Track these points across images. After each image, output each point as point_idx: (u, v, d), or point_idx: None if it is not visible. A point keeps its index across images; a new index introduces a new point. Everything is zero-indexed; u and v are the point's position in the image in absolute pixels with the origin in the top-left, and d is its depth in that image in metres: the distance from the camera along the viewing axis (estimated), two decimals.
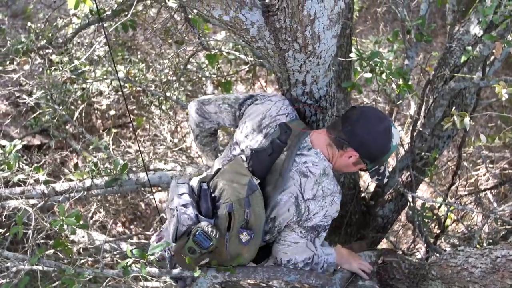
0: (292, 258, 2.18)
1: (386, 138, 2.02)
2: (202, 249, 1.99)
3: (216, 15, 1.84)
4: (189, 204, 2.07)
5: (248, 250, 2.08)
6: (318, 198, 2.04)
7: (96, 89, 4.95)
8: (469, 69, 2.83)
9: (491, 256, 1.86)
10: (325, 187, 2.05)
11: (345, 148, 2.04)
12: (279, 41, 1.94)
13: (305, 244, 2.13)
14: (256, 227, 2.02)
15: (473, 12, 2.81)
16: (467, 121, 2.20)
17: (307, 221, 2.07)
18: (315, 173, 2.05)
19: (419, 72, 5.16)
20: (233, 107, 2.29)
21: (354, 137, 2.01)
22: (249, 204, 1.98)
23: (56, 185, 2.75)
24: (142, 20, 3.34)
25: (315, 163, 2.06)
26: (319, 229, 2.11)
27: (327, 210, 2.07)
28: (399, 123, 5.42)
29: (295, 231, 2.10)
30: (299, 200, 2.04)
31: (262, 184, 2.07)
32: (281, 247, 2.16)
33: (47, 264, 2.15)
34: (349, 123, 2.02)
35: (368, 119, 2.01)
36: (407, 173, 3.31)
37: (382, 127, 2.01)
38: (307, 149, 2.09)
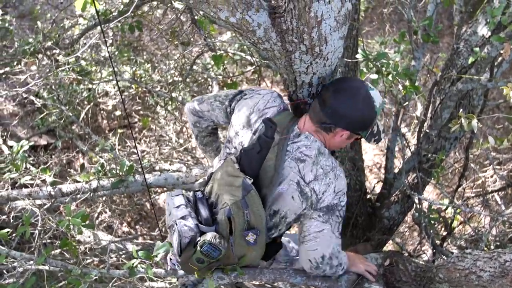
0: (325, 253, 2.11)
1: (369, 105, 2.00)
2: (211, 259, 2.01)
3: (223, 17, 1.83)
4: (187, 215, 2.08)
5: (255, 249, 2.08)
6: (320, 177, 2.02)
7: (102, 90, 4.97)
8: (476, 70, 2.81)
9: (499, 260, 1.84)
10: (324, 164, 2.04)
11: (334, 130, 2.03)
12: (285, 43, 1.94)
13: (331, 231, 2.07)
14: (258, 225, 2.01)
15: (480, 13, 2.80)
16: (475, 124, 2.19)
17: (320, 202, 2.03)
18: (311, 155, 2.04)
19: (426, 73, 5.15)
20: (223, 103, 2.29)
21: (337, 118, 1.99)
22: (246, 205, 1.98)
23: (62, 186, 2.75)
24: (148, 21, 3.34)
25: (308, 146, 2.05)
26: (336, 208, 2.06)
27: (335, 186, 2.04)
28: (405, 123, 5.41)
29: (314, 217, 2.06)
30: (301, 185, 2.02)
31: (256, 182, 2.05)
32: (309, 245, 2.10)
33: (53, 264, 2.16)
34: (327, 105, 1.99)
35: (343, 94, 1.99)
36: (413, 175, 3.30)
37: (361, 96, 1.99)
38: (297, 136, 2.08)
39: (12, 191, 2.71)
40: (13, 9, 5.43)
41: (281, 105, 2.21)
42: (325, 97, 2.02)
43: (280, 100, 2.22)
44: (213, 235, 2.00)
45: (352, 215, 3.32)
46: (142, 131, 5.43)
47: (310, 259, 2.12)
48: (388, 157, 3.38)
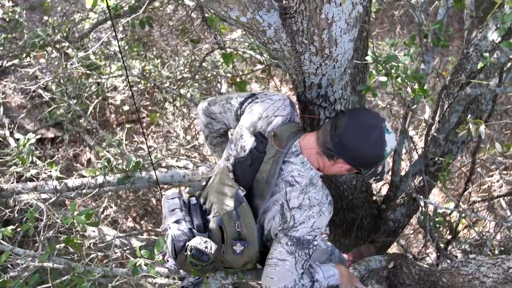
0: (281, 286, 2.02)
1: (379, 148, 1.90)
2: (203, 263, 2.02)
3: (234, 16, 1.84)
4: (181, 219, 2.09)
5: (246, 258, 2.07)
6: (304, 207, 1.96)
7: (111, 84, 4.98)
8: (485, 75, 2.80)
9: (503, 266, 1.84)
10: (312, 196, 1.97)
11: (335, 159, 1.95)
12: (295, 44, 1.94)
13: (293, 266, 2.00)
14: (249, 237, 2.01)
15: (491, 18, 2.78)
16: (482, 129, 2.18)
17: (293, 230, 1.96)
18: (301, 183, 1.97)
19: (435, 76, 5.13)
20: (234, 106, 2.24)
21: (343, 150, 1.90)
22: (238, 216, 1.97)
23: (68, 181, 2.76)
24: (158, 16, 3.35)
25: (301, 173, 1.99)
26: (307, 245, 1.99)
27: (315, 222, 1.96)
28: (413, 126, 5.39)
29: (281, 242, 1.99)
30: (284, 208, 1.97)
31: (250, 193, 2.03)
32: (268, 270, 2.03)
33: (57, 261, 2.16)
34: (337, 133, 1.90)
35: (357, 129, 1.88)
36: (419, 178, 3.28)
37: (374, 136, 1.88)
38: (295, 155, 2.01)
39: (17, 184, 2.72)
40: (23, 1, 5.44)
41: (290, 114, 2.14)
42: (338, 122, 1.92)
43: (290, 109, 2.14)
44: (198, 240, 2.02)
45: (357, 216, 3.31)
46: (150, 126, 5.45)
47: (266, 285, 2.05)
48: (395, 160, 3.37)
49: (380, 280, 2.56)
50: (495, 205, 4.16)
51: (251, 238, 2.00)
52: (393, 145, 1.95)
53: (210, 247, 2.00)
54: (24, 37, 4.13)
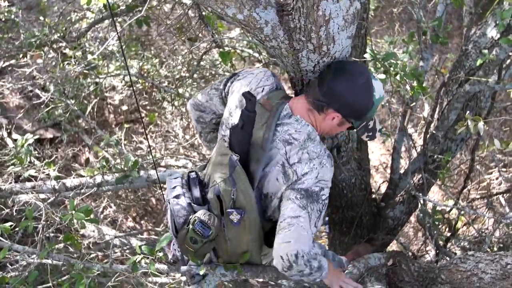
0: (300, 250, 1.87)
1: (367, 93, 1.92)
2: (203, 238, 1.98)
3: (230, 14, 1.83)
4: (180, 195, 2.06)
5: (245, 231, 2.02)
6: (304, 160, 1.94)
7: (109, 84, 4.97)
8: (484, 72, 2.79)
9: (501, 262, 1.84)
10: (310, 150, 1.95)
11: (326, 110, 1.95)
12: (293, 41, 1.93)
13: (307, 221, 1.89)
14: (246, 204, 1.97)
15: (490, 15, 2.78)
16: (481, 126, 2.18)
17: (298, 183, 1.93)
18: (299, 139, 1.96)
19: (434, 74, 5.12)
20: (218, 89, 2.25)
21: (332, 97, 1.91)
22: (234, 182, 1.94)
23: (66, 181, 2.76)
24: (156, 15, 3.34)
25: (298, 130, 1.97)
26: (316, 197, 1.92)
27: (318, 172, 1.93)
28: (412, 124, 5.39)
29: (291, 198, 1.92)
30: (285, 167, 1.95)
31: (247, 159, 2.01)
32: (282, 235, 1.90)
33: (56, 258, 2.16)
34: (325, 83, 1.92)
35: (344, 75, 1.91)
36: (419, 176, 3.28)
37: (361, 81, 1.90)
38: (288, 117, 2.00)
39: (15, 184, 2.72)
40: (19, 1, 5.43)
41: (274, 83, 2.14)
42: (324, 74, 1.95)
43: (273, 79, 2.15)
44: (203, 211, 1.99)
45: (356, 214, 3.31)
46: (148, 126, 5.44)
47: (282, 255, 1.89)
48: (394, 158, 3.36)
49: (379, 277, 2.56)
50: (494, 202, 4.16)
51: (249, 206, 1.97)
52: (381, 92, 1.96)
53: (213, 220, 1.98)
54: (21, 37, 4.12)
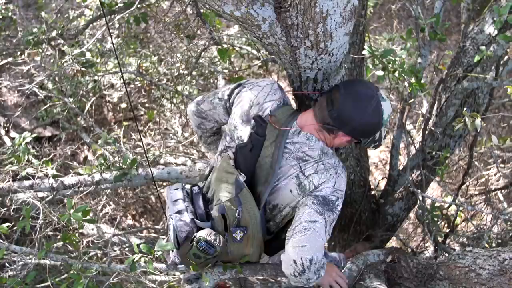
0: (315, 256, 1.91)
1: (377, 117, 1.95)
2: (207, 255, 2.00)
3: (227, 11, 1.83)
4: (183, 210, 2.07)
5: (248, 246, 2.05)
6: (320, 171, 1.96)
7: (108, 82, 4.96)
8: (482, 69, 2.80)
9: (499, 258, 1.84)
10: (326, 161, 1.98)
11: (336, 132, 1.98)
12: (290, 38, 1.93)
13: (323, 227, 1.92)
14: (250, 224, 1.99)
15: (488, 11, 2.78)
16: (478, 122, 2.18)
17: (317, 191, 1.96)
18: (314, 156, 1.99)
19: (433, 70, 5.12)
20: (222, 99, 2.23)
21: (342, 123, 1.93)
22: (240, 202, 1.96)
23: (64, 179, 2.75)
24: (154, 12, 3.34)
25: (311, 147, 2.00)
26: (332, 205, 1.95)
27: (336, 181, 1.97)
28: (411, 120, 5.39)
29: (308, 204, 1.95)
30: (300, 178, 1.97)
31: (253, 179, 2.03)
32: (297, 238, 1.90)
33: (54, 258, 2.16)
34: (334, 108, 1.93)
35: (354, 101, 1.91)
36: (417, 172, 3.28)
37: (370, 107, 1.92)
38: (297, 134, 2.02)
39: (13, 183, 2.70)
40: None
41: (281, 98, 2.14)
42: (334, 97, 1.95)
43: (280, 93, 2.14)
44: (209, 232, 2.00)
45: (356, 211, 3.32)
46: (147, 124, 5.44)
47: (296, 259, 1.91)
48: (393, 154, 3.37)
49: (378, 274, 2.56)
50: (493, 198, 4.17)
51: (253, 225, 1.99)
52: (389, 111, 1.99)
53: (219, 239, 1.99)
54: (18, 34, 4.10)
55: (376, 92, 1.94)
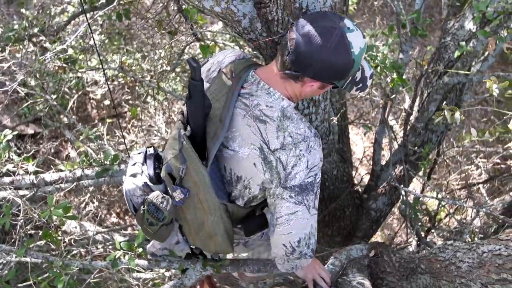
0: (301, 235, 1.85)
1: (342, 52, 1.62)
2: (158, 221, 1.88)
3: (208, 6, 1.83)
4: (138, 173, 1.96)
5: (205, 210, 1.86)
6: (288, 146, 1.72)
7: (92, 79, 4.93)
8: (462, 64, 2.83)
9: (478, 251, 1.86)
10: (292, 132, 1.72)
11: (301, 78, 1.70)
12: (271, 33, 1.93)
13: (306, 211, 1.81)
14: (198, 182, 1.79)
15: (468, 7, 2.80)
16: (458, 116, 2.20)
17: (290, 179, 1.75)
18: (273, 117, 1.73)
19: (416, 66, 5.16)
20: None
21: (302, 66, 1.65)
22: (184, 159, 1.77)
23: (45, 175, 2.73)
24: (136, 8, 3.32)
25: (269, 105, 1.74)
26: (311, 187, 1.78)
27: (308, 159, 1.73)
28: (395, 116, 5.43)
29: (284, 198, 1.78)
30: (265, 152, 1.74)
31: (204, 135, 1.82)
32: (282, 228, 1.84)
33: (34, 256, 2.14)
34: (291, 49, 1.64)
35: (310, 37, 1.61)
36: (400, 167, 3.31)
37: (332, 41, 1.60)
38: (256, 84, 1.77)
39: None
40: None
41: (242, 54, 1.93)
42: (290, 37, 1.65)
43: (242, 53, 1.93)
44: (157, 194, 1.88)
45: (339, 206, 3.33)
46: (131, 121, 5.42)
47: (285, 243, 1.87)
48: (375, 149, 3.39)
49: (361, 268, 2.57)
50: (476, 193, 4.21)
51: (202, 184, 1.80)
52: (362, 43, 1.67)
53: (166, 203, 1.86)
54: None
55: (338, 23, 1.63)
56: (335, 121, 2.78)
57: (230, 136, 1.80)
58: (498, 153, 4.46)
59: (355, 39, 1.64)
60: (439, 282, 2.10)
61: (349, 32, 1.63)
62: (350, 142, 3.46)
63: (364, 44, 1.69)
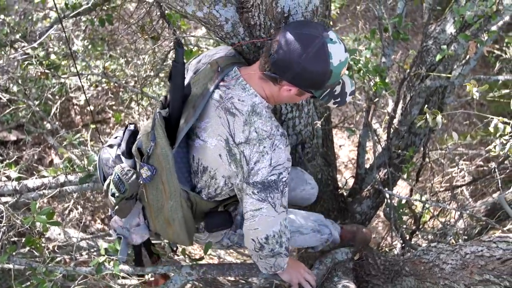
0: (269, 232, 1.88)
1: (321, 60, 1.67)
2: (121, 194, 1.92)
3: (190, 11, 1.83)
4: (114, 145, 2.01)
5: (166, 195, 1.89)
6: (252, 141, 1.76)
7: (75, 85, 4.90)
8: (444, 67, 2.86)
9: (461, 252, 1.88)
10: (258, 128, 1.77)
11: (279, 81, 1.75)
12: (253, 38, 1.94)
13: (271, 209, 1.83)
14: (162, 162, 1.84)
15: (449, 11, 2.84)
16: (439, 119, 2.22)
17: (252, 174, 1.78)
18: (242, 111, 1.78)
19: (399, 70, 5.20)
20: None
21: (281, 69, 1.70)
22: (154, 137, 1.82)
23: (28, 181, 2.71)
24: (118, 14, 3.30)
25: (241, 99, 1.80)
26: (275, 185, 1.80)
27: (271, 157, 1.76)
28: (379, 120, 5.46)
29: (248, 194, 1.82)
30: (230, 144, 1.79)
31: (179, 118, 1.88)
32: (248, 223, 1.88)
33: (17, 262, 2.12)
34: (274, 51, 1.70)
35: (293, 43, 1.66)
36: (384, 170, 3.33)
37: (313, 48, 1.66)
38: (235, 79, 1.84)
39: None
40: None
41: (234, 53, 1.99)
42: (275, 40, 1.72)
43: (234, 51, 2.00)
44: (123, 166, 1.93)
45: (324, 210, 3.34)
46: (115, 126, 5.38)
47: (253, 238, 1.91)
48: (359, 153, 3.41)
49: (347, 272, 2.59)
50: (460, 195, 4.25)
51: (165, 165, 1.84)
52: (342, 57, 1.71)
53: (129, 175, 1.90)
54: None
55: (322, 33, 1.68)
56: (319, 125, 2.79)
57: (203, 126, 1.86)
58: (481, 155, 4.51)
59: (336, 51, 1.69)
60: (423, 284, 2.11)
61: (331, 43, 1.68)
62: (334, 146, 3.48)
63: (345, 58, 1.74)
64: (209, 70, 1.90)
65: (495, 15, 2.47)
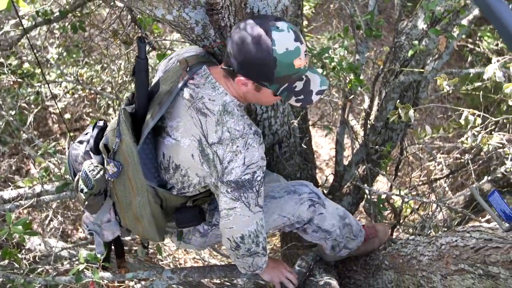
0: (244, 232, 1.89)
1: (262, 48, 1.63)
2: (89, 190, 1.93)
3: (159, 15, 1.83)
4: (84, 141, 2.01)
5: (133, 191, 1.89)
6: (225, 141, 1.76)
7: (51, 93, 4.85)
8: (416, 62, 2.89)
9: (436, 243, 1.91)
10: (231, 127, 1.76)
11: (235, 75, 1.74)
12: (224, 39, 1.94)
13: (246, 209, 1.84)
14: (128, 159, 1.84)
15: (420, 7, 2.88)
16: (411, 114, 2.25)
17: (226, 174, 1.78)
18: (213, 111, 1.77)
19: (373, 66, 5.25)
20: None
21: (230, 60, 1.71)
22: (120, 133, 1.82)
23: (4, 193, 2.67)
24: (91, 21, 3.29)
25: (211, 98, 1.79)
26: (249, 185, 1.80)
27: (245, 157, 1.76)
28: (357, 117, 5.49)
29: (222, 192, 1.82)
30: (203, 144, 1.78)
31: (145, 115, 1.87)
32: (223, 222, 1.89)
33: None
34: (227, 43, 1.72)
35: (237, 34, 1.67)
36: (363, 167, 3.36)
37: (254, 37, 1.63)
38: (205, 77, 1.82)
39: None
40: None
41: (203, 52, 1.97)
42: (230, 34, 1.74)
43: (204, 51, 1.98)
44: (89, 162, 1.94)
45: None
46: None
47: (229, 237, 1.92)
48: (337, 150, 3.43)
49: (328, 269, 2.60)
50: (437, 188, 4.30)
51: (131, 161, 1.84)
52: (291, 46, 1.66)
53: (97, 172, 1.91)
54: None
55: (267, 21, 1.66)
56: (296, 124, 2.80)
57: (174, 125, 1.85)
58: (458, 148, 4.57)
59: (281, 38, 1.64)
60: (402, 277, 2.14)
61: (276, 31, 1.64)
62: (313, 144, 3.49)
63: (295, 47, 1.67)
64: (178, 67, 1.89)
65: (463, 9, 2.51)
